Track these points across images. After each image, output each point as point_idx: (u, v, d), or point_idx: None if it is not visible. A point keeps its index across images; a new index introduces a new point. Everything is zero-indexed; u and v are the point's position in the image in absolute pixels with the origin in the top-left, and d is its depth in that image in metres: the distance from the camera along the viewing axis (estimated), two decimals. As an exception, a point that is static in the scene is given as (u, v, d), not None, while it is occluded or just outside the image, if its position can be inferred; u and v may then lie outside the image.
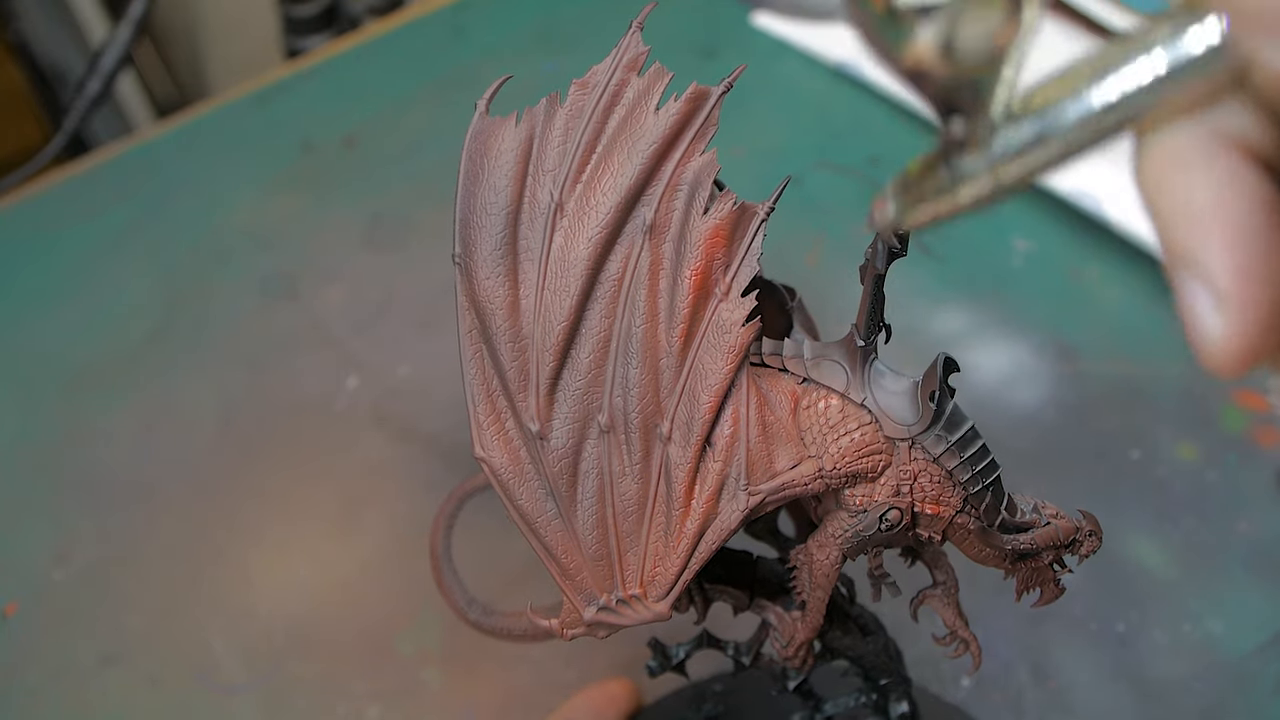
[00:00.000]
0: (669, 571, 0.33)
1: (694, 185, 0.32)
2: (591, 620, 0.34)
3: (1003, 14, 0.17)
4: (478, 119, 0.33)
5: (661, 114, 0.32)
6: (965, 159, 0.20)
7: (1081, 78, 0.18)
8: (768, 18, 0.86)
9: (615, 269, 0.32)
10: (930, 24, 0.17)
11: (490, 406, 0.33)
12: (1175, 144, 0.18)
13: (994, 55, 0.18)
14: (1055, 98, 0.19)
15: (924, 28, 0.17)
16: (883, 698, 0.40)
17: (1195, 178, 0.18)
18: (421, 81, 0.85)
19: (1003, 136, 0.19)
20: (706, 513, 0.33)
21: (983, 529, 0.34)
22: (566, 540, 0.34)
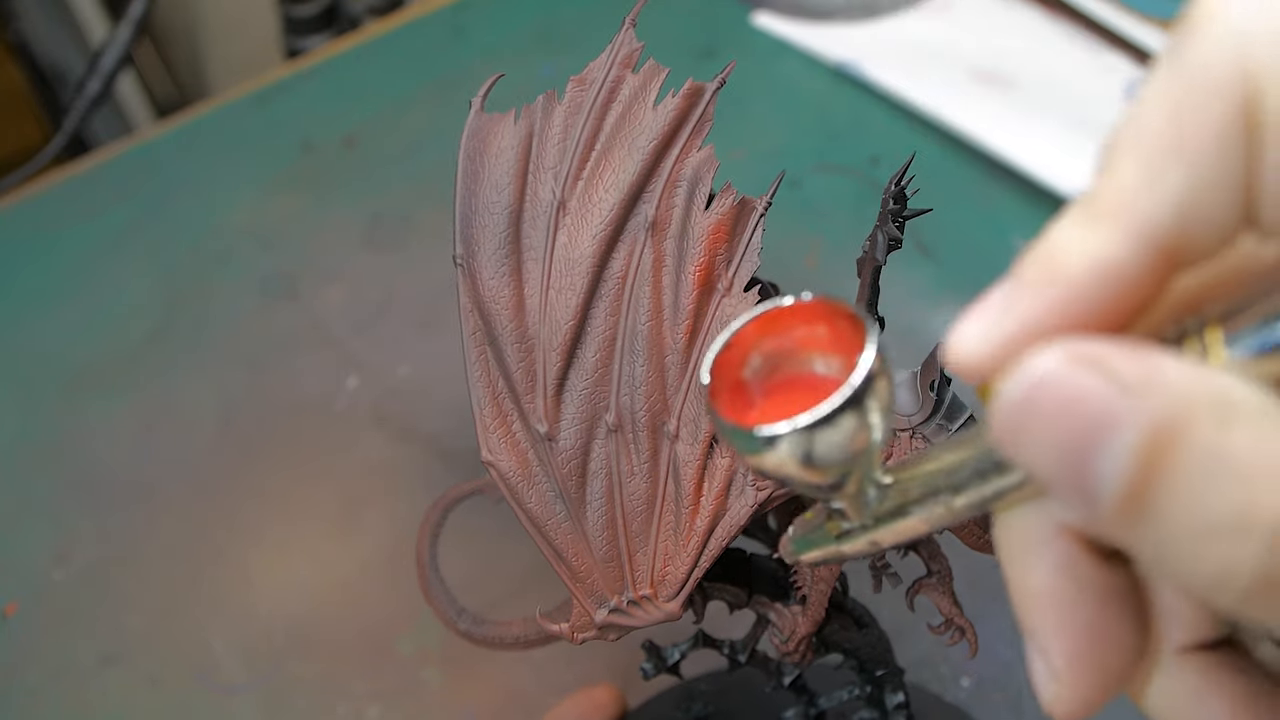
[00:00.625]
0: (679, 570, 0.33)
1: (693, 181, 0.32)
2: (603, 623, 0.34)
3: (853, 427, 0.19)
4: (474, 117, 0.33)
5: (659, 110, 0.32)
6: (845, 523, 0.22)
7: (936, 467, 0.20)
8: (768, 18, 0.86)
9: (619, 266, 0.32)
10: (787, 444, 0.19)
11: (496, 409, 0.33)
12: (1018, 528, 0.20)
13: (852, 456, 0.20)
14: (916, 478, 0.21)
15: (782, 447, 0.19)
16: (878, 689, 0.40)
17: (1032, 562, 0.19)
18: (421, 81, 0.85)
19: (873, 510, 0.21)
20: (716, 510, 0.33)
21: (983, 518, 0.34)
22: (576, 542, 0.33)
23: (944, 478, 0.20)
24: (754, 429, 0.19)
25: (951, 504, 0.20)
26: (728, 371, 0.21)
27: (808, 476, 0.20)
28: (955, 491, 0.20)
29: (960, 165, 0.74)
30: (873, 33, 0.84)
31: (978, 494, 0.19)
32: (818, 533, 0.23)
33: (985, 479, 0.19)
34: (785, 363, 0.21)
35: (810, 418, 0.19)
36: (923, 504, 0.20)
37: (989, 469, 0.19)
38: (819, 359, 0.21)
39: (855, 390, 0.19)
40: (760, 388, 0.21)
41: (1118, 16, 0.81)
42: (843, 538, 0.22)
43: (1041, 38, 0.82)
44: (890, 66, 0.79)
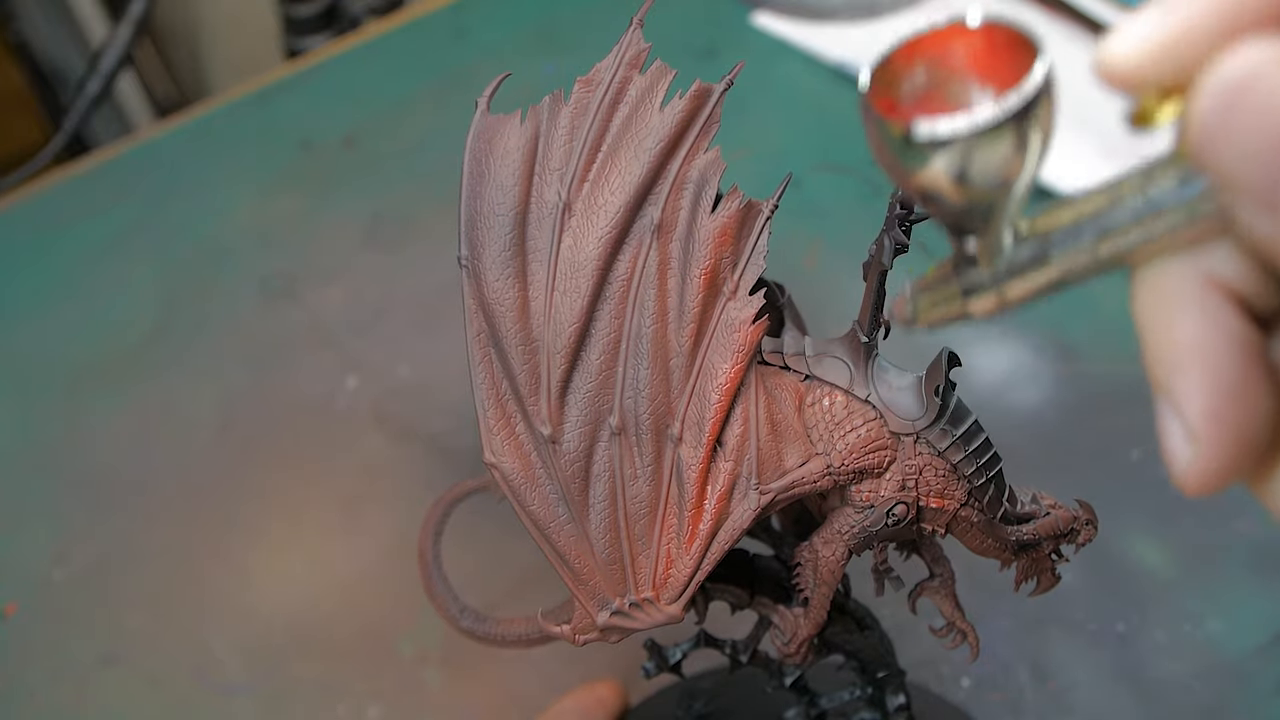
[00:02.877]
0: (682, 573, 0.33)
1: (699, 183, 0.32)
2: (605, 625, 0.34)
3: (1011, 148, 0.18)
4: (479, 117, 0.33)
5: (666, 112, 0.32)
6: (974, 273, 0.21)
7: (1084, 210, 0.19)
8: (768, 18, 0.86)
9: (624, 269, 0.32)
10: (943, 155, 0.18)
11: (500, 411, 0.33)
12: (1164, 281, 0.19)
13: (1002, 184, 0.19)
14: (1059, 226, 0.20)
15: (939, 160, 0.18)
16: (879, 691, 0.40)
17: (1179, 316, 0.19)
18: (421, 81, 0.85)
19: (1008, 257, 0.20)
20: (719, 513, 0.33)
21: (986, 521, 0.34)
22: (579, 545, 0.33)
23: (1091, 221, 0.19)
24: (912, 126, 0.18)
25: (1096, 250, 0.19)
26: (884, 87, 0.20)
27: (954, 194, 0.19)
28: (1103, 234, 0.19)
29: (960, 166, 0.74)
30: (873, 33, 0.84)
31: (1127, 237, 0.19)
32: (941, 290, 0.22)
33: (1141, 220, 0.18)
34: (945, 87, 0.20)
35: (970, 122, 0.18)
36: (1064, 250, 0.19)
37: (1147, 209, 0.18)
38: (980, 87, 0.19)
39: (1023, 101, 0.18)
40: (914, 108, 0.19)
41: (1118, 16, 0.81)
42: (970, 293, 0.21)
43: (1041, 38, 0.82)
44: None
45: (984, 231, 0.20)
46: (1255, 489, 0.20)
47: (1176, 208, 0.18)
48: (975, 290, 0.21)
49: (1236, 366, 0.18)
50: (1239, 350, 0.18)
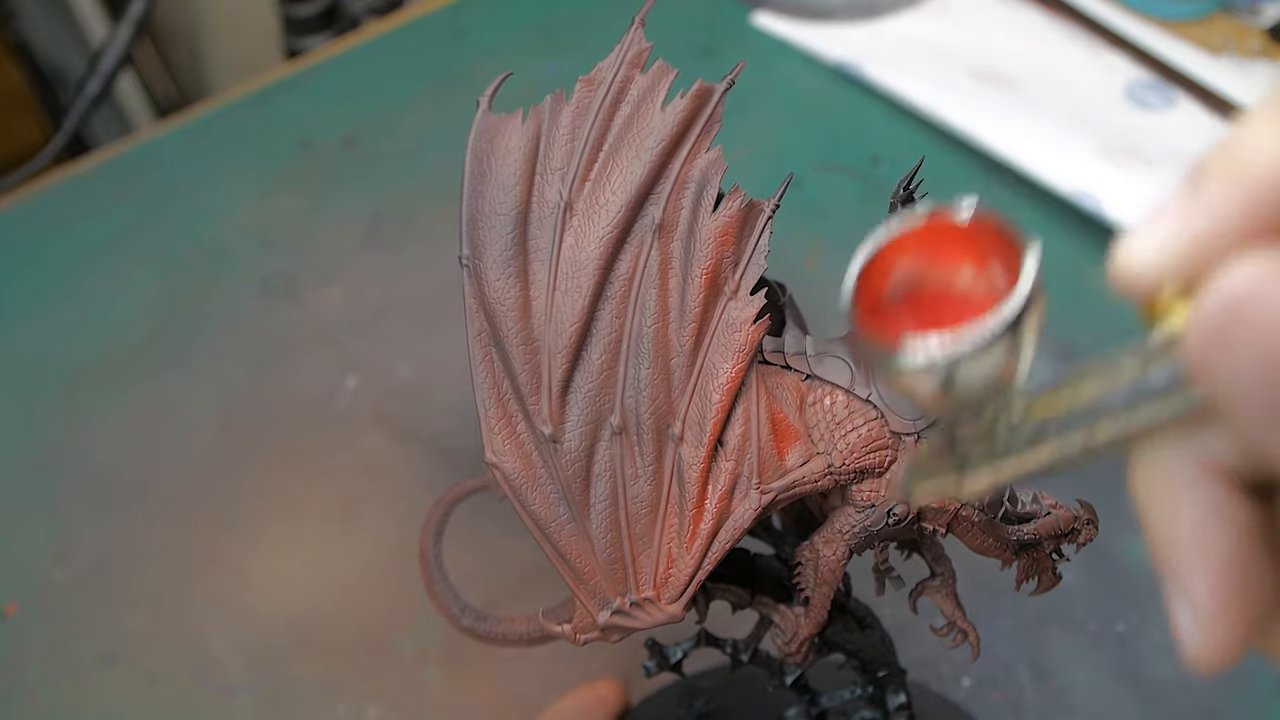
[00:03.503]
0: (683, 572, 0.33)
1: (701, 183, 0.32)
2: (606, 624, 0.34)
3: (1002, 358, 0.18)
4: (481, 116, 0.33)
5: (668, 111, 0.32)
6: (969, 455, 0.21)
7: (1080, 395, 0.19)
8: (768, 18, 0.86)
9: (625, 268, 0.32)
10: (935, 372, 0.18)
11: (501, 410, 0.33)
12: (1162, 467, 0.19)
13: (995, 389, 0.19)
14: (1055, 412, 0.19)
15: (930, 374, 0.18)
16: (879, 690, 0.40)
17: (1180, 501, 0.19)
18: (421, 81, 0.85)
19: (1003, 440, 0.20)
20: (720, 512, 0.33)
21: (987, 521, 0.34)
22: (580, 544, 0.33)
23: (1086, 409, 0.19)
24: (898, 351, 0.18)
25: (1091, 437, 0.19)
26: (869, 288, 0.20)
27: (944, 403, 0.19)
28: (1097, 424, 0.19)
29: (960, 165, 0.74)
30: (873, 33, 0.84)
31: (1123, 426, 0.18)
32: (935, 468, 0.22)
33: (1135, 410, 0.18)
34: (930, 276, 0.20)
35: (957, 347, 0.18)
36: (1059, 438, 0.19)
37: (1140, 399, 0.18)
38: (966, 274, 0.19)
39: (1011, 319, 0.17)
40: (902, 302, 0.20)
41: (1118, 16, 0.81)
42: (964, 471, 0.21)
43: (1041, 38, 0.82)
44: (890, 66, 0.79)
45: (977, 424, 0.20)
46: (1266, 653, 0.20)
47: (1173, 395, 0.18)
48: (970, 471, 0.21)
49: (1240, 551, 0.18)
50: (1241, 535, 0.18)
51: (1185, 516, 0.19)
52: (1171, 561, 0.19)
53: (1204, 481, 0.19)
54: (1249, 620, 0.18)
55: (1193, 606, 0.18)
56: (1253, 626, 0.18)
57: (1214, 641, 0.18)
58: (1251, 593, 0.18)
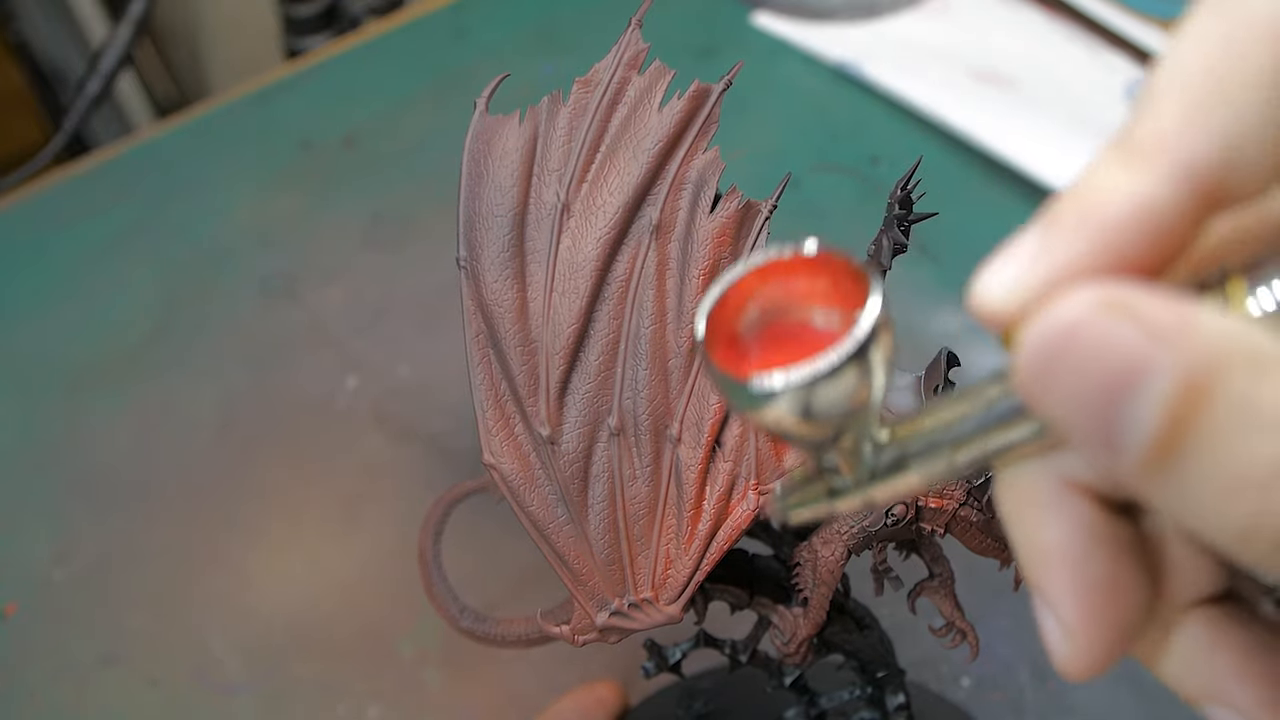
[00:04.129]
0: (681, 573, 0.33)
1: (698, 184, 0.32)
2: (604, 625, 0.34)
3: (854, 382, 0.18)
4: (478, 118, 0.33)
5: (665, 112, 0.32)
6: (838, 480, 0.21)
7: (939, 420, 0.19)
8: (768, 18, 0.86)
9: (622, 270, 0.32)
10: (786, 400, 0.18)
11: (499, 412, 0.33)
12: (1023, 484, 0.19)
13: (852, 411, 0.19)
14: (915, 435, 0.20)
15: (781, 403, 0.18)
16: (878, 690, 0.40)
17: (1040, 519, 0.19)
18: (421, 81, 0.85)
19: (869, 465, 0.20)
20: (718, 513, 0.33)
21: (985, 521, 0.34)
22: (578, 545, 0.33)
23: (946, 431, 0.19)
24: (750, 381, 0.18)
25: (953, 459, 0.19)
26: (723, 323, 0.20)
27: (804, 431, 0.19)
28: (958, 446, 0.19)
29: (960, 165, 0.74)
30: (873, 33, 0.84)
31: (982, 448, 0.19)
32: (809, 490, 0.22)
33: (991, 433, 0.19)
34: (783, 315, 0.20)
35: (810, 371, 0.18)
36: (922, 459, 0.20)
37: (995, 422, 0.18)
38: (819, 312, 0.20)
39: (859, 342, 0.18)
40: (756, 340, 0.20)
41: (1118, 16, 0.81)
42: (836, 495, 0.21)
43: (1041, 38, 0.82)
44: (890, 66, 0.79)
45: (839, 450, 0.20)
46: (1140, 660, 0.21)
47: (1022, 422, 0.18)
48: (840, 494, 0.21)
49: (1103, 563, 0.19)
50: (1101, 546, 0.19)
51: (1049, 533, 0.19)
52: (1036, 577, 0.19)
53: (1066, 498, 0.19)
54: (1115, 632, 0.19)
55: (1058, 619, 0.19)
56: (1117, 642, 0.19)
57: (1081, 653, 0.19)
58: (1116, 605, 0.19)
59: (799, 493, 0.22)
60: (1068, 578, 0.19)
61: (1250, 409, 0.15)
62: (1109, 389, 0.16)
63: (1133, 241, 0.17)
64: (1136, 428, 0.16)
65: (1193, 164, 0.17)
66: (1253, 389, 0.15)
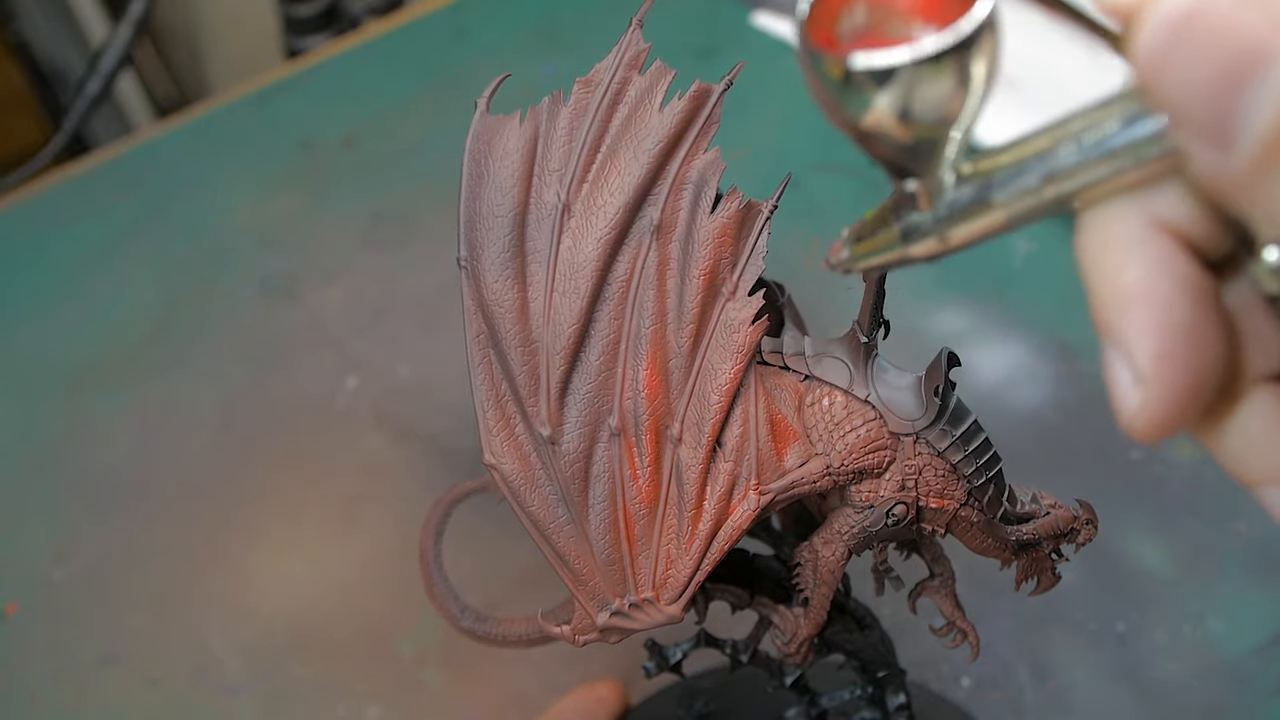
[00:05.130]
0: (681, 573, 0.33)
1: (699, 184, 0.32)
2: (605, 625, 0.34)
3: (953, 83, 0.18)
4: (479, 118, 0.33)
5: (666, 112, 0.32)
6: (915, 216, 0.20)
7: (1029, 150, 0.19)
8: (768, 18, 0.86)
9: (623, 270, 0.32)
10: (885, 91, 0.18)
11: (499, 412, 0.33)
12: (1111, 223, 0.19)
13: (945, 120, 0.18)
14: (1002, 167, 0.19)
15: (880, 95, 0.18)
16: (879, 690, 0.40)
17: (1126, 259, 0.18)
18: (421, 81, 0.85)
19: (950, 199, 0.20)
20: (718, 513, 0.33)
21: (986, 521, 0.34)
22: (578, 545, 0.33)
23: (1036, 161, 0.18)
24: (853, 57, 0.17)
25: (1042, 192, 0.18)
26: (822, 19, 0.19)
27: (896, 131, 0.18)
28: (1050, 178, 0.18)
29: (960, 165, 0.74)
30: (873, 33, 0.84)
31: (1075, 179, 0.18)
32: (880, 235, 0.21)
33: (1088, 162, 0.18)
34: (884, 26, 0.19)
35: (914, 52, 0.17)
36: (1008, 193, 0.19)
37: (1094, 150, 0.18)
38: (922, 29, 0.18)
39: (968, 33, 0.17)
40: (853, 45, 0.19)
41: (1118, 17, 0.81)
42: (910, 236, 0.20)
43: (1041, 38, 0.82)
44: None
45: (925, 172, 0.19)
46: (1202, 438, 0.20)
47: (1124, 149, 0.18)
48: (915, 233, 0.20)
49: (1186, 308, 0.18)
50: (1188, 292, 0.18)
51: (1133, 271, 0.18)
52: (1115, 320, 0.18)
53: (1154, 239, 0.18)
54: (1189, 387, 0.18)
55: (1134, 367, 0.18)
56: (1192, 395, 0.18)
57: (1153, 405, 0.18)
58: (1193, 357, 0.18)
59: (869, 239, 0.21)
60: (1150, 318, 0.18)
61: None
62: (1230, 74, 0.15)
63: None
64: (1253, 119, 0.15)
65: None
66: None
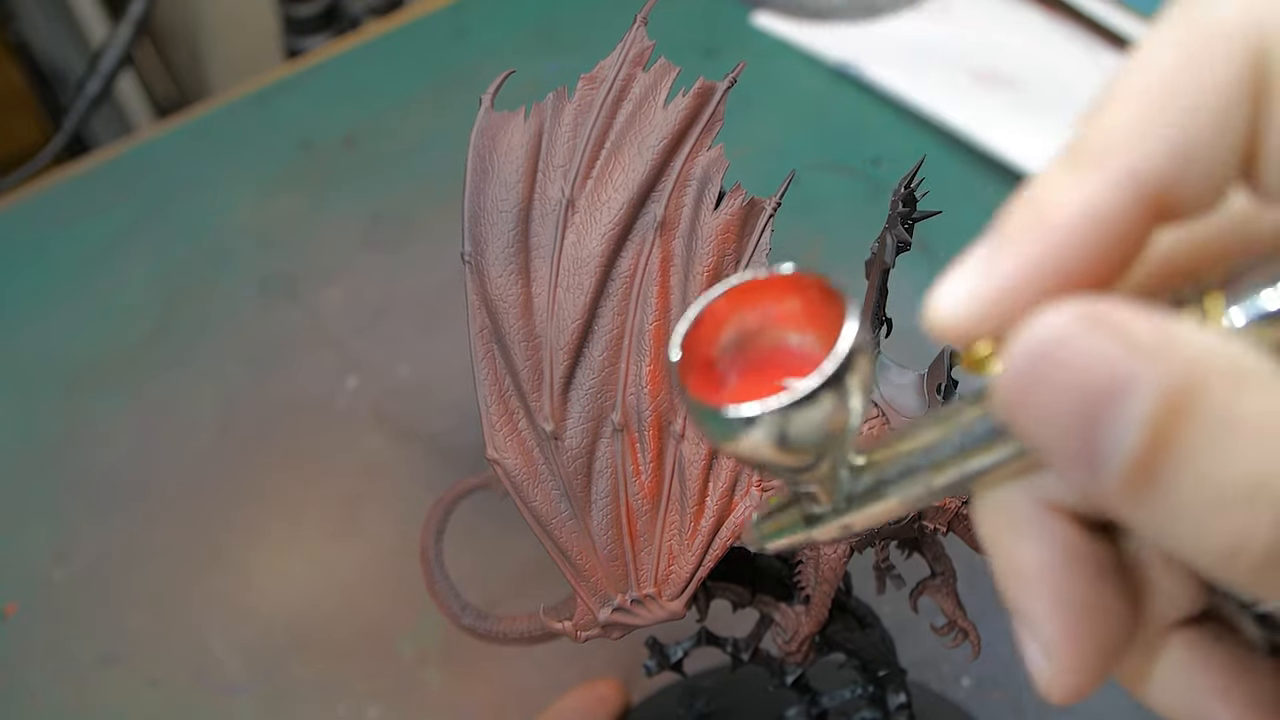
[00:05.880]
0: (684, 570, 0.33)
1: (703, 181, 0.32)
2: (606, 621, 0.34)
3: (830, 407, 0.18)
4: (483, 114, 0.33)
5: (670, 109, 0.32)
6: (815, 507, 0.21)
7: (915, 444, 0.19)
8: (768, 18, 0.86)
9: (627, 266, 0.32)
10: (761, 428, 0.18)
11: (503, 407, 0.33)
12: (1002, 507, 0.19)
13: (829, 437, 0.18)
14: (892, 460, 0.19)
15: (755, 433, 0.18)
16: (880, 689, 0.40)
17: (1020, 541, 0.19)
18: (421, 81, 0.85)
19: (846, 491, 0.20)
20: (720, 510, 0.33)
21: None
22: (581, 541, 0.33)
23: (923, 455, 0.19)
24: (725, 409, 0.18)
25: (931, 483, 0.19)
26: (698, 348, 0.20)
27: (781, 459, 0.19)
28: (936, 469, 0.19)
29: (960, 165, 0.74)
30: (873, 33, 0.84)
31: (960, 471, 0.18)
32: (785, 517, 0.22)
33: (969, 455, 0.18)
34: (759, 339, 0.20)
35: (787, 398, 0.18)
36: (900, 484, 0.19)
37: (973, 444, 0.18)
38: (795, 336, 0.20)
39: (835, 369, 0.18)
40: (732, 365, 0.20)
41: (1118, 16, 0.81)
42: (813, 522, 0.21)
43: (1041, 38, 0.82)
44: (890, 66, 0.79)
45: (817, 477, 0.20)
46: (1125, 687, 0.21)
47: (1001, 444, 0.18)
48: (818, 521, 0.21)
49: (1083, 584, 0.19)
50: (1082, 567, 0.19)
51: (1029, 555, 0.19)
52: (1018, 600, 0.19)
53: (1045, 519, 0.19)
54: (1097, 652, 0.19)
55: (1039, 641, 0.19)
56: (1100, 663, 0.19)
57: (1063, 675, 0.19)
58: (1098, 627, 0.19)
59: (775, 519, 0.22)
60: (1048, 598, 0.19)
61: (1231, 424, 0.15)
62: (1090, 406, 0.16)
63: (1082, 250, 0.17)
64: (1118, 446, 0.15)
65: (1140, 171, 0.17)
66: (1233, 403, 0.15)
